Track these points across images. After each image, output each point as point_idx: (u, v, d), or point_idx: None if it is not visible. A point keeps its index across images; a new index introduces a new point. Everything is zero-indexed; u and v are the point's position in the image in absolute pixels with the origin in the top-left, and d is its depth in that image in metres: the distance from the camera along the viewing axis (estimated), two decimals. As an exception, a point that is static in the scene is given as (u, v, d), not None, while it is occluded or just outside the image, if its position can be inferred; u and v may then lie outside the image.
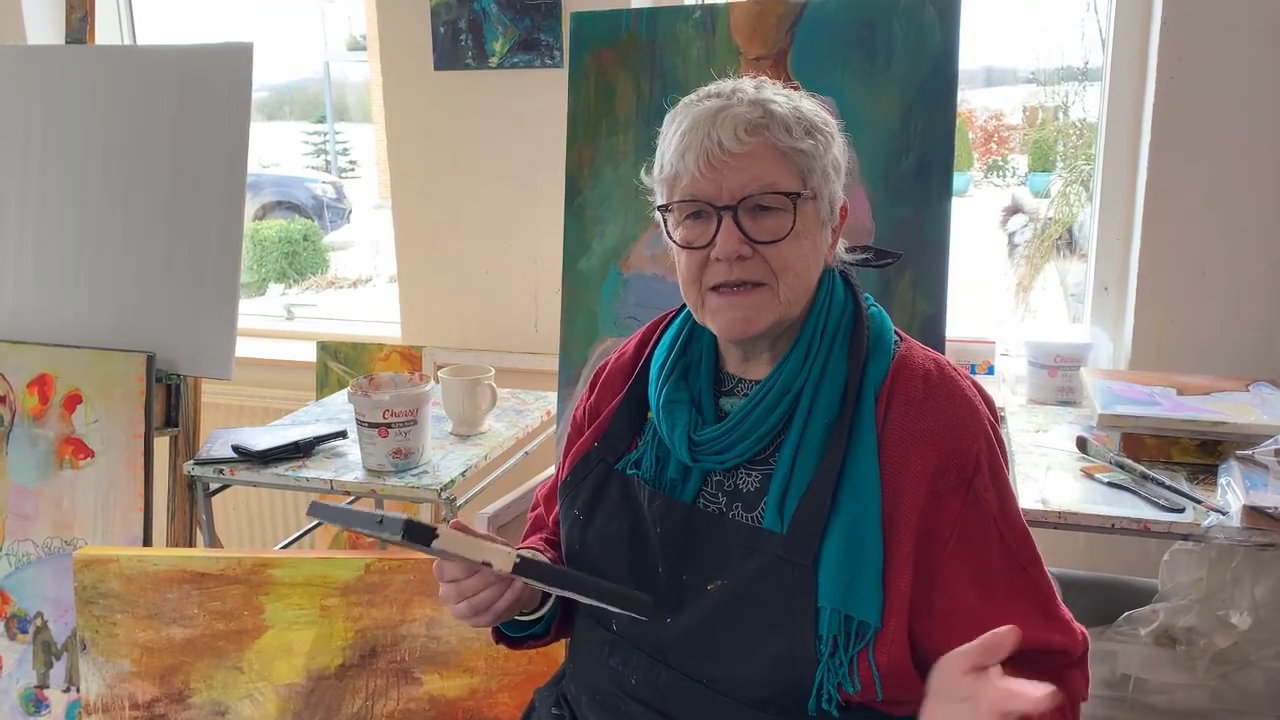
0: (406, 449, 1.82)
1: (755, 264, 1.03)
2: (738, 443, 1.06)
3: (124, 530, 2.00)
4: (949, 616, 0.99)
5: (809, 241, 1.05)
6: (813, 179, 1.05)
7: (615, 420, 1.18)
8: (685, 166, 1.04)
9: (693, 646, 1.05)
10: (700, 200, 1.04)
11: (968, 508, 1.00)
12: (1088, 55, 2.49)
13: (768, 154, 1.02)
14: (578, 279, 1.91)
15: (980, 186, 3.37)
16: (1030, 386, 2.10)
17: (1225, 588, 1.81)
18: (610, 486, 1.15)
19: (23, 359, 2.10)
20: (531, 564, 0.98)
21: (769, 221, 1.03)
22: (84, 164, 2.14)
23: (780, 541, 1.01)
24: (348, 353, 2.64)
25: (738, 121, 1.02)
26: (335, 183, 6.05)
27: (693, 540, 1.07)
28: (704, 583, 1.05)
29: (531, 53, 2.42)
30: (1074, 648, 1.02)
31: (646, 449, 1.14)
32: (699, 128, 1.03)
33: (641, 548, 1.10)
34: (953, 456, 1.00)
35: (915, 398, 1.03)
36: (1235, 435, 1.61)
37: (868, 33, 1.70)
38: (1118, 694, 1.86)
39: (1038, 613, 1.01)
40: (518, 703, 1.56)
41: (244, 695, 1.59)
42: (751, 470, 1.07)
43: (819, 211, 1.06)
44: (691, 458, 1.08)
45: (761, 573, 1.01)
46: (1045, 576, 1.04)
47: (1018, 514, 1.04)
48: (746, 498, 1.06)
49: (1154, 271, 2.11)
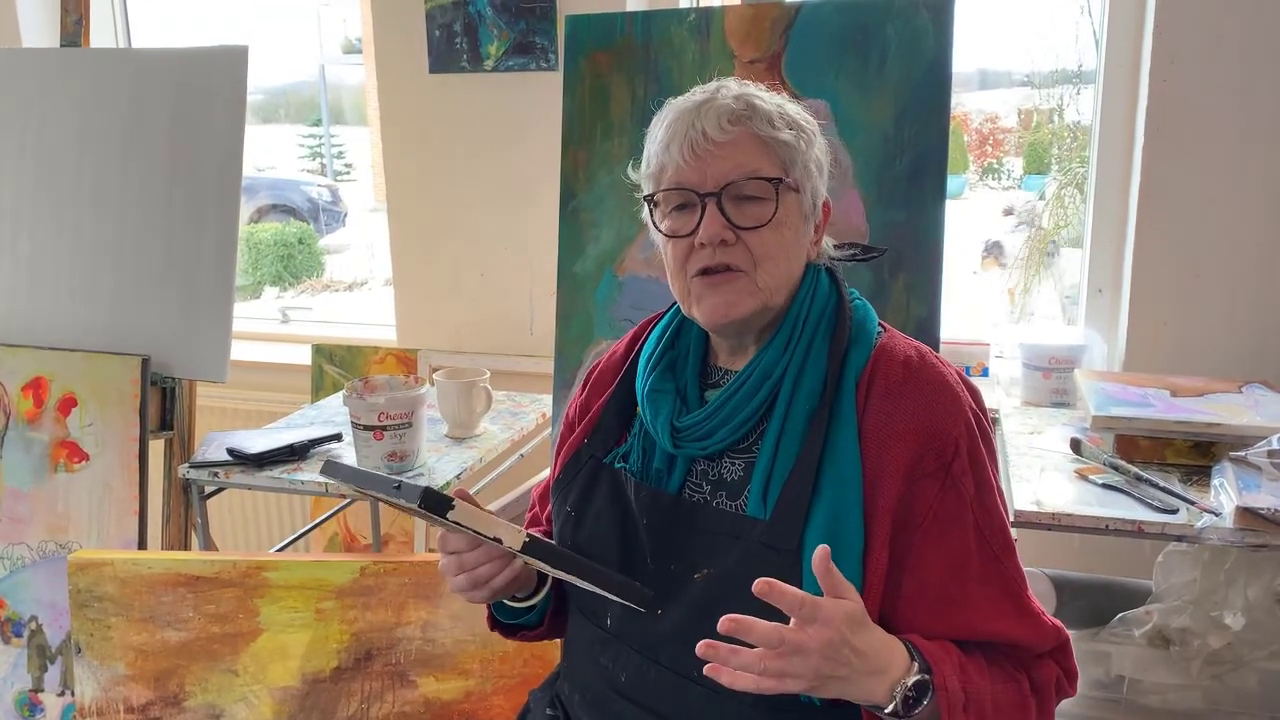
0: (402, 451, 1.82)
1: (737, 250, 1.05)
2: (719, 428, 1.07)
3: (119, 533, 2.00)
4: (917, 599, 1.00)
5: (791, 231, 1.07)
6: (794, 170, 1.07)
7: (605, 415, 1.19)
8: (670, 157, 1.06)
9: (683, 638, 1.05)
10: (685, 188, 1.06)
11: (944, 491, 1.00)
12: (1082, 58, 2.50)
13: (750, 143, 1.05)
14: (573, 282, 1.91)
15: (975, 189, 3.38)
16: (1024, 388, 2.10)
17: (1219, 589, 1.81)
18: (600, 481, 1.16)
19: (17, 362, 2.10)
20: (540, 544, 1.00)
21: (751, 208, 1.05)
22: (79, 166, 2.14)
23: (764, 528, 1.02)
24: (343, 356, 2.64)
25: (721, 112, 1.05)
26: (330, 186, 6.06)
27: (679, 530, 1.08)
28: (690, 573, 1.06)
29: (526, 56, 2.42)
30: (1040, 643, 1.02)
31: (634, 442, 1.15)
32: (683, 119, 1.06)
33: (631, 540, 1.11)
34: (932, 441, 1.01)
35: (895, 384, 1.04)
36: (1229, 437, 1.62)
37: (862, 36, 1.70)
38: (1112, 695, 1.87)
39: (1009, 602, 1.02)
40: (512, 705, 1.56)
41: (239, 698, 1.59)
42: (735, 459, 1.08)
43: (801, 204, 1.08)
44: (674, 444, 1.09)
45: (746, 560, 1.02)
46: (1018, 568, 1.04)
47: (995, 503, 1.04)
48: (730, 486, 1.07)
49: (1148, 274, 2.11)
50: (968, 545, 1.01)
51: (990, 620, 1.00)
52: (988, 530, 1.02)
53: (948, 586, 1.00)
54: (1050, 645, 1.03)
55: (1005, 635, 1.01)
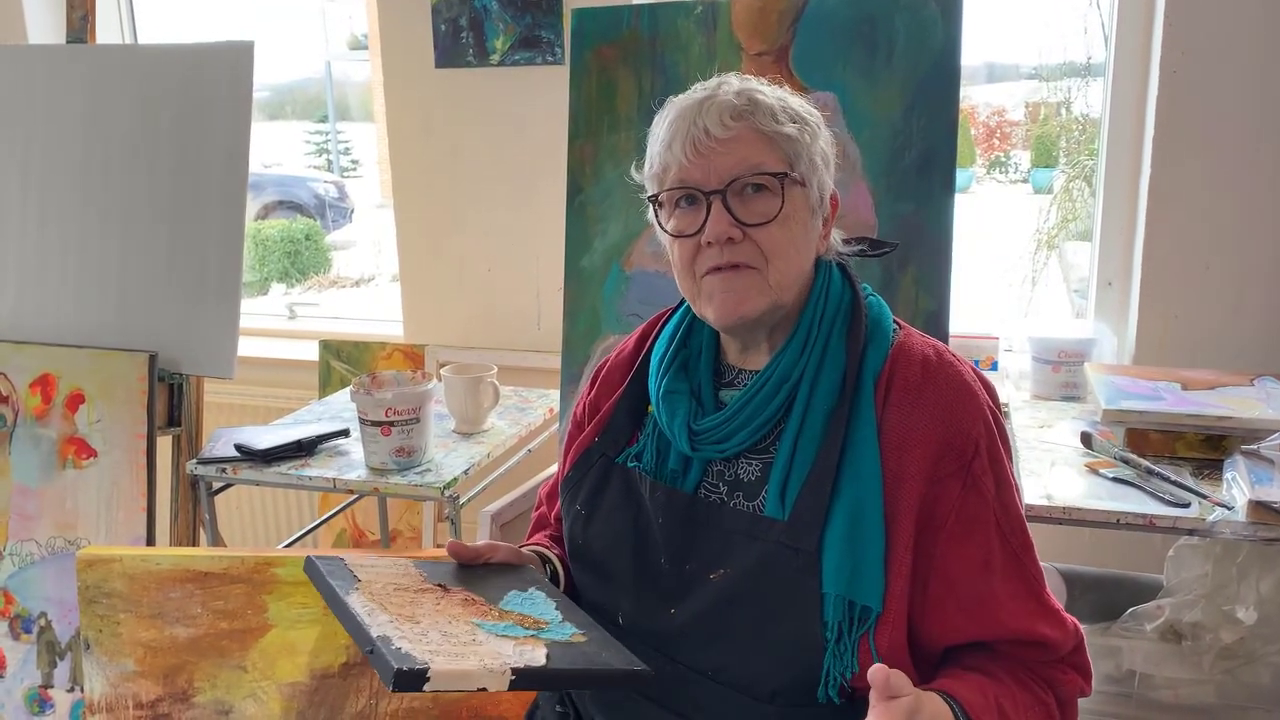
0: (409, 447, 1.82)
1: (745, 247, 1.04)
2: (738, 430, 1.06)
3: (127, 530, 2.00)
4: (944, 600, 1.00)
5: (799, 226, 1.06)
6: (800, 164, 1.06)
7: (616, 414, 1.18)
8: (673, 156, 1.05)
9: (698, 637, 1.05)
10: (689, 186, 1.05)
11: (966, 492, 1.00)
12: (1090, 50, 2.49)
13: (753, 138, 1.04)
14: (580, 276, 1.90)
15: (983, 183, 3.37)
16: (1034, 382, 2.09)
17: (1231, 583, 1.80)
18: (612, 481, 1.15)
19: (25, 359, 2.10)
20: (527, 673, 0.93)
21: (757, 204, 1.04)
22: (86, 163, 2.14)
23: (782, 529, 1.01)
24: (350, 351, 2.64)
25: (723, 109, 1.04)
26: (337, 182, 6.06)
27: (695, 530, 1.07)
28: (707, 572, 1.05)
29: (533, 50, 2.41)
30: (1065, 640, 1.02)
31: (647, 441, 1.15)
32: (685, 117, 1.05)
33: (644, 540, 1.11)
34: (952, 441, 1.00)
35: (914, 383, 1.03)
36: (1240, 430, 1.61)
37: (869, 28, 1.70)
38: (1123, 690, 1.86)
39: (1032, 600, 1.02)
40: (521, 701, 1.55)
41: (248, 694, 1.59)
42: (752, 459, 1.08)
43: (808, 198, 1.07)
44: (691, 447, 1.08)
45: (764, 560, 1.01)
46: (1038, 565, 1.04)
47: (1015, 501, 1.04)
48: (747, 487, 1.07)
49: (1158, 266, 2.10)
50: (991, 544, 1.00)
51: (1018, 618, 1.00)
52: (1008, 529, 1.02)
53: (975, 586, 1.00)
54: (1073, 644, 1.03)
55: (1034, 633, 1.00)
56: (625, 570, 1.11)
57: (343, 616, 0.98)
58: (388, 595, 1.03)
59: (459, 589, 1.09)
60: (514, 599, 1.09)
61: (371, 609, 0.98)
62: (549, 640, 1.00)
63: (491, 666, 0.92)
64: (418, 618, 0.99)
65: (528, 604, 1.08)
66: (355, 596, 1.01)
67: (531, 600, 1.10)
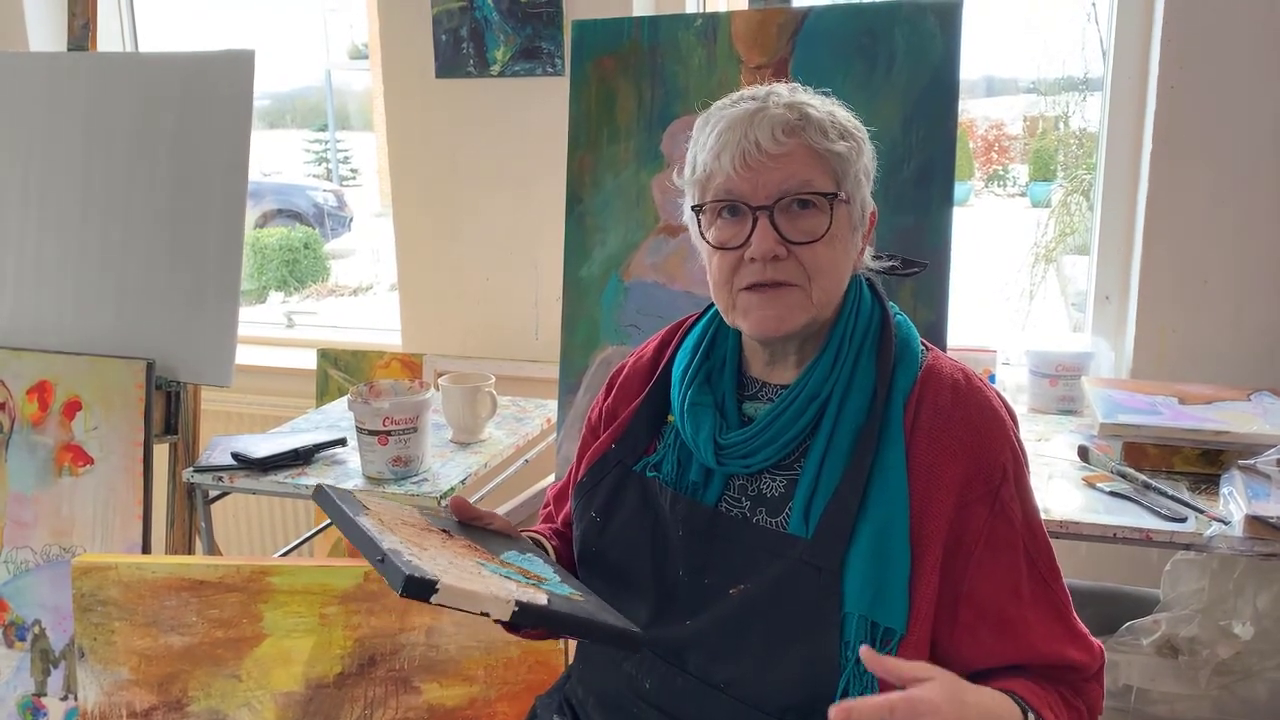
0: (406, 456, 1.82)
1: (789, 265, 1.03)
2: (764, 447, 1.05)
3: (123, 537, 2.00)
4: (976, 626, 0.99)
5: (841, 244, 1.05)
6: (847, 182, 1.05)
7: (634, 422, 1.18)
8: (720, 166, 1.04)
9: (712, 649, 1.04)
10: (735, 199, 1.04)
11: (994, 518, 1.00)
12: (1088, 65, 2.50)
13: (804, 155, 1.03)
14: (578, 287, 1.90)
15: (981, 196, 3.38)
16: (1031, 395, 2.09)
17: (1227, 598, 1.80)
18: (628, 488, 1.15)
19: (22, 366, 2.10)
20: (530, 609, 0.95)
21: (804, 222, 1.03)
22: (85, 170, 2.14)
23: (806, 546, 1.01)
24: (348, 360, 2.63)
25: (775, 123, 1.02)
26: (336, 191, 6.08)
27: (716, 544, 1.07)
28: (726, 586, 1.05)
29: (533, 61, 2.42)
30: (1092, 663, 1.03)
31: (667, 452, 1.14)
32: (735, 128, 1.03)
33: (661, 550, 1.10)
34: (980, 466, 1.00)
35: (944, 407, 1.03)
36: (1237, 445, 1.61)
37: (869, 41, 1.70)
38: (1120, 704, 1.85)
39: (1060, 625, 1.02)
40: (517, 712, 1.55)
41: (242, 703, 1.58)
42: (776, 475, 1.07)
43: (851, 216, 1.07)
44: (717, 461, 1.08)
45: (786, 577, 1.01)
46: (1065, 591, 1.04)
47: (1041, 526, 1.04)
48: (770, 503, 1.06)
49: (1155, 281, 2.10)
50: (1019, 570, 1.01)
51: (1048, 642, 1.00)
52: (1036, 555, 1.02)
53: (1006, 610, 1.00)
54: (1099, 665, 1.04)
55: (1063, 657, 1.00)
56: (641, 579, 1.11)
57: (352, 535, 0.99)
58: (396, 526, 1.04)
59: (462, 538, 1.11)
60: (513, 556, 1.10)
61: (382, 530, 0.99)
62: (549, 591, 1.01)
63: (498, 594, 0.93)
64: (425, 546, 1.00)
65: (526, 563, 1.10)
66: (366, 519, 1.02)
67: (530, 561, 1.11)
